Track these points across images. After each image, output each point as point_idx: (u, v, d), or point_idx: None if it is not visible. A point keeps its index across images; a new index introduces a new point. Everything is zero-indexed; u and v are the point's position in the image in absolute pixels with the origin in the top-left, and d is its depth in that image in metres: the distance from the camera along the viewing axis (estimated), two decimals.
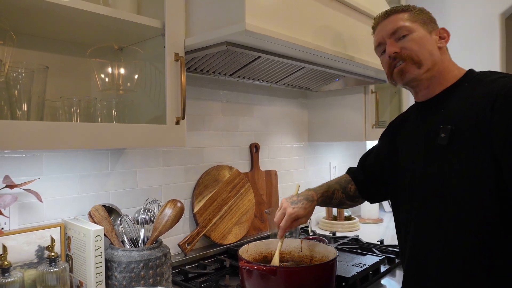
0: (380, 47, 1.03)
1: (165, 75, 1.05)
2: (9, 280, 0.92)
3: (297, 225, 1.10)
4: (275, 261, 1.10)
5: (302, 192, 1.14)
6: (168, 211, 1.15)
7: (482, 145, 0.82)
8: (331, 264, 1.06)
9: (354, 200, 1.22)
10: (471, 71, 0.97)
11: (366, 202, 1.25)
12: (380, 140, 1.21)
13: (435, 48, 0.97)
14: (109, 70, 1.14)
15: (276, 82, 1.66)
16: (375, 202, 1.27)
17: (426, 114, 0.99)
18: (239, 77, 1.50)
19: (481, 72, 0.96)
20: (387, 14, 1.01)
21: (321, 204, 1.16)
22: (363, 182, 1.20)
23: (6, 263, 0.93)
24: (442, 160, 0.90)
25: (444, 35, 0.99)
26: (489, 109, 0.82)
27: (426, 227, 0.93)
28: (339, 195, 1.18)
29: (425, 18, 0.99)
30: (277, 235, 1.10)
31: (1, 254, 0.93)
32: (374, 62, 1.44)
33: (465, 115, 0.87)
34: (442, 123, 0.91)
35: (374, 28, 1.06)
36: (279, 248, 1.12)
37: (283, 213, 1.08)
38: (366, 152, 1.26)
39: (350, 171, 1.26)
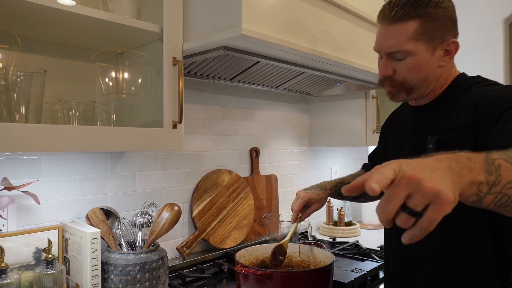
0: (378, 53, 1.01)
1: (163, 79, 1.06)
2: (5, 281, 0.93)
3: (311, 212, 1.14)
4: (286, 242, 1.14)
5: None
6: (165, 215, 1.15)
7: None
8: (328, 269, 1.05)
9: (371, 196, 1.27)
10: (461, 77, 0.95)
11: (366, 207, 1.27)
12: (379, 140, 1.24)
13: (435, 69, 0.90)
14: (113, 74, 1.15)
15: (276, 87, 1.66)
16: None
17: (415, 121, 1.00)
18: (239, 81, 1.50)
19: (471, 77, 0.94)
20: (394, 18, 0.89)
21: (335, 194, 1.18)
22: None
23: (3, 264, 0.93)
24: None
25: (451, 49, 0.90)
26: (470, 116, 0.84)
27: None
28: None
29: (435, 29, 0.87)
30: (291, 218, 1.14)
31: None
32: (374, 67, 1.44)
33: (449, 125, 0.89)
34: (429, 133, 0.92)
35: (378, 21, 0.97)
36: (291, 231, 1.15)
37: (297, 199, 1.13)
38: (374, 149, 1.29)
39: (364, 167, 1.30)
